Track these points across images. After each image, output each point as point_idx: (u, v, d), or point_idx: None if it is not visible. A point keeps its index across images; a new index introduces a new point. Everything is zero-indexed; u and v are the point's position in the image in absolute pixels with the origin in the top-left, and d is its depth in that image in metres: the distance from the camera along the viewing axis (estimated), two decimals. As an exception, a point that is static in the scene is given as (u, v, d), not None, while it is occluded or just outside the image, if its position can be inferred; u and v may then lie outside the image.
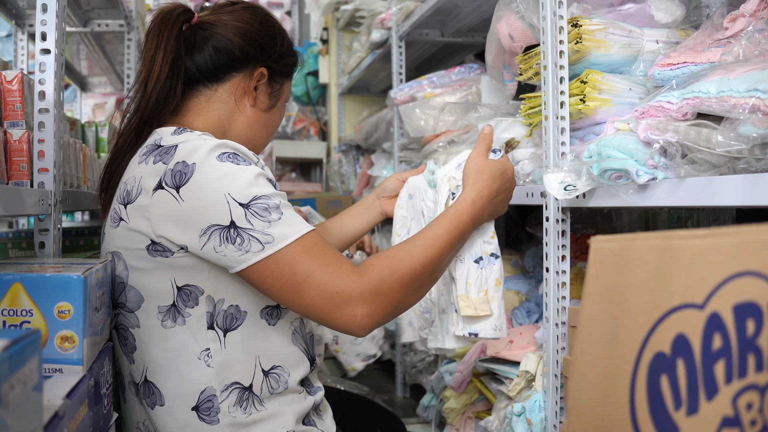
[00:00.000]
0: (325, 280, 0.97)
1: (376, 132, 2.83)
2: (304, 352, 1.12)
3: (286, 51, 1.21)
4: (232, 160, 1.00)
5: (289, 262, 0.97)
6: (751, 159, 0.90)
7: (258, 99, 1.20)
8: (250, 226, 0.96)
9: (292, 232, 0.97)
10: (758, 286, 0.56)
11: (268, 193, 0.99)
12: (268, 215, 0.97)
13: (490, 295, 1.20)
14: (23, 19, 2.30)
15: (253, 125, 1.21)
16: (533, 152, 1.44)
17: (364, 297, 0.98)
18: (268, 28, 1.20)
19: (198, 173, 0.98)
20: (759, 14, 1.04)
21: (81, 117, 3.66)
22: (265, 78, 1.19)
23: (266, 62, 1.18)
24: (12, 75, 1.11)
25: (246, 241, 0.96)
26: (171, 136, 1.04)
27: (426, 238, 1.08)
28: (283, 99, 1.26)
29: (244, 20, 1.18)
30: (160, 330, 1.04)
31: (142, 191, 1.01)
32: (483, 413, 1.62)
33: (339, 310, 0.97)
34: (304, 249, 0.98)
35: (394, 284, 1.01)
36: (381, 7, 2.74)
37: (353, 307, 0.97)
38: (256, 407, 1.05)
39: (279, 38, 1.20)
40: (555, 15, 1.28)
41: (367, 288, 0.98)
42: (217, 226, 0.97)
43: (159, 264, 1.01)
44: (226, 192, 0.97)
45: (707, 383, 0.57)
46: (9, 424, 0.49)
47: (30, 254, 1.64)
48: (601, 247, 0.64)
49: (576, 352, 0.65)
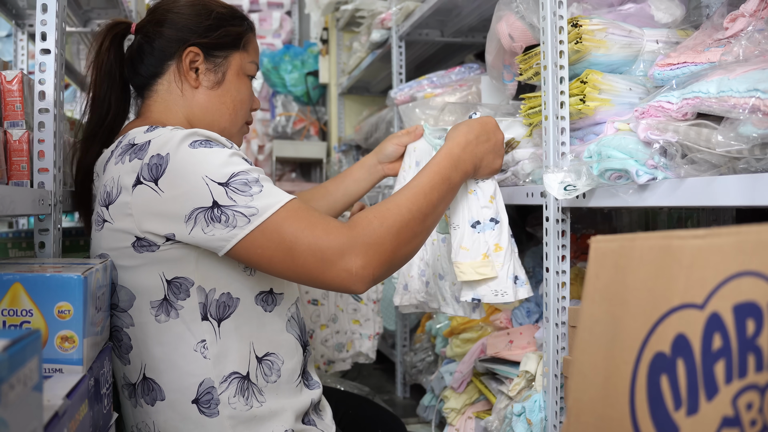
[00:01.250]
0: (314, 239, 0.97)
1: (376, 132, 2.83)
2: (297, 338, 1.13)
3: (214, 23, 1.19)
4: (205, 145, 1.00)
5: (275, 229, 0.97)
6: (751, 159, 0.90)
7: (201, 79, 1.19)
8: (233, 203, 0.97)
9: (274, 201, 0.98)
10: (758, 286, 0.56)
11: (245, 169, 0.99)
12: (249, 189, 0.98)
13: (491, 258, 1.18)
14: (23, 19, 2.30)
15: (208, 106, 1.19)
16: (533, 152, 1.44)
17: (356, 248, 0.97)
18: (189, 7, 1.19)
19: (173, 162, 0.99)
20: (759, 14, 1.03)
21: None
22: (201, 56, 1.18)
23: (193, 40, 1.17)
24: (12, 75, 1.11)
25: (231, 217, 0.97)
26: (144, 134, 1.05)
27: (409, 188, 1.08)
28: (234, 71, 1.21)
29: (165, 8, 1.20)
30: (154, 325, 1.04)
31: (122, 190, 1.02)
32: (483, 413, 1.62)
33: (333, 266, 0.97)
34: (289, 214, 0.98)
35: (384, 233, 1.00)
36: (381, 7, 2.74)
37: (347, 260, 0.97)
38: (257, 398, 1.06)
39: (204, 13, 1.19)
40: (555, 15, 1.28)
41: (358, 239, 0.98)
42: (201, 209, 0.97)
43: (146, 260, 1.02)
44: (203, 175, 0.97)
45: (707, 383, 0.57)
46: (9, 424, 0.49)
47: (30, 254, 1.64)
48: (601, 247, 0.64)
49: (576, 352, 0.65)
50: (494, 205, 1.20)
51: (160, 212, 0.99)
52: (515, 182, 1.49)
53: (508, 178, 1.52)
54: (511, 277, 1.19)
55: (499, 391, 1.53)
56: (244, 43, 1.23)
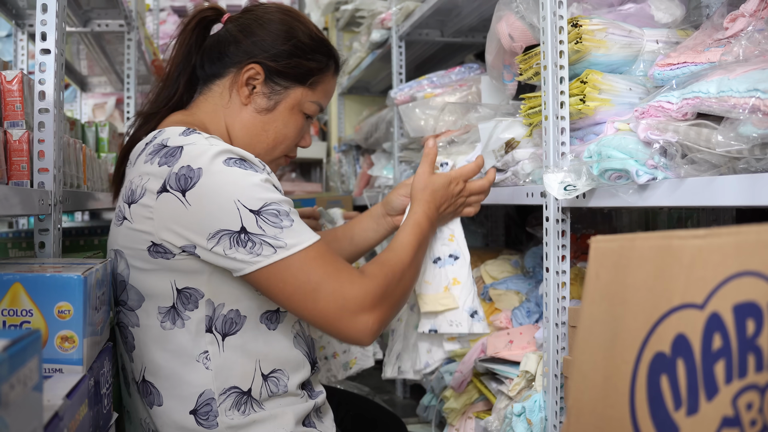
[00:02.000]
0: (339, 286, 0.97)
1: (376, 132, 2.82)
2: (306, 355, 1.11)
3: (290, 50, 1.15)
4: (239, 165, 0.98)
5: (301, 267, 0.97)
6: (751, 159, 0.90)
7: (253, 99, 1.16)
8: (262, 232, 0.96)
9: (303, 239, 0.98)
10: (758, 286, 0.56)
11: (278, 200, 0.98)
12: (280, 222, 0.97)
13: (451, 291, 1.27)
14: (23, 19, 2.30)
15: (249, 127, 1.16)
16: (533, 152, 1.44)
17: (375, 302, 0.99)
18: (275, 24, 1.15)
19: (205, 178, 0.97)
20: (759, 14, 1.03)
21: (81, 117, 3.66)
22: (261, 76, 1.14)
23: (261, 59, 1.14)
24: (12, 75, 1.11)
25: (257, 245, 0.96)
26: (178, 137, 1.03)
27: (402, 243, 1.13)
28: (289, 105, 1.17)
29: (255, 16, 1.17)
30: (159, 330, 1.04)
31: (146, 192, 1.01)
32: (483, 413, 1.62)
33: (353, 318, 0.98)
34: (317, 255, 0.98)
35: (395, 287, 1.04)
36: (381, 7, 2.74)
37: (366, 314, 0.99)
38: (254, 408, 1.05)
39: (283, 37, 1.15)
40: (555, 15, 1.28)
41: (378, 293, 1.00)
42: (227, 231, 0.96)
43: (159, 265, 1.01)
44: (235, 198, 0.96)
45: (707, 383, 0.57)
46: (9, 424, 0.49)
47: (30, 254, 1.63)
48: (601, 247, 0.64)
49: (576, 352, 0.65)
50: (454, 243, 1.29)
51: (184, 224, 0.98)
52: (515, 182, 1.49)
53: (508, 178, 1.52)
54: (468, 309, 1.27)
55: (499, 391, 1.53)
56: (312, 82, 1.18)
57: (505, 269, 1.88)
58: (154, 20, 3.76)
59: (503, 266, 1.88)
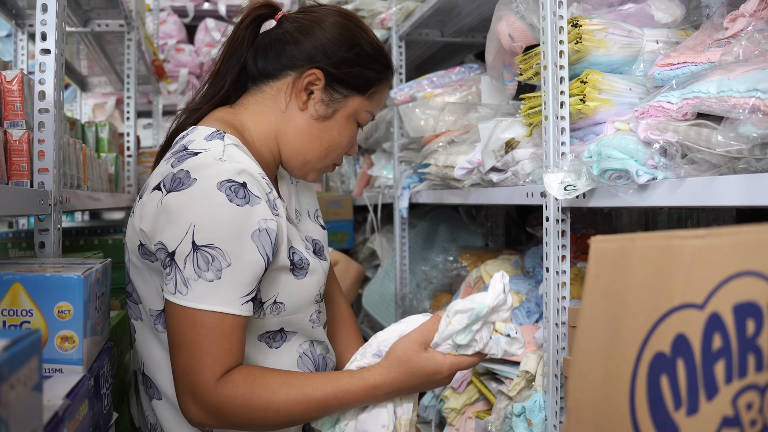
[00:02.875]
0: (191, 366, 0.93)
1: (376, 132, 2.82)
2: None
3: (352, 58, 1.10)
4: (230, 193, 0.94)
5: (189, 322, 0.93)
6: (751, 159, 0.90)
7: (310, 104, 1.10)
8: (182, 267, 0.93)
9: (208, 301, 0.92)
10: (758, 286, 0.56)
11: (228, 251, 0.93)
12: (204, 270, 0.92)
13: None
14: (23, 19, 2.30)
15: (303, 134, 1.11)
16: (533, 152, 1.44)
17: (204, 405, 0.94)
18: (337, 28, 1.11)
19: (192, 189, 0.94)
20: (759, 14, 1.03)
21: (81, 117, 3.66)
22: (321, 83, 1.09)
23: (323, 65, 1.09)
24: (12, 75, 1.11)
25: (170, 275, 0.94)
26: (202, 140, 1.01)
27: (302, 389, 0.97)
28: (346, 114, 1.12)
29: (315, 18, 1.12)
30: (153, 330, 1.05)
31: (147, 189, 1.01)
32: (483, 413, 1.62)
33: (182, 396, 0.95)
34: (208, 323, 0.93)
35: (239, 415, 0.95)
36: (381, 7, 2.74)
37: (191, 404, 0.95)
38: None
39: (347, 43, 1.10)
40: (555, 15, 1.28)
41: (213, 402, 0.94)
42: (162, 247, 0.95)
43: (148, 267, 1.02)
44: (193, 222, 0.93)
45: (707, 383, 0.57)
46: (9, 424, 0.49)
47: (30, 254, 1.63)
48: (601, 247, 0.64)
49: (576, 352, 0.65)
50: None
51: (149, 221, 0.98)
52: (515, 182, 1.49)
53: (508, 178, 1.52)
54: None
55: (499, 391, 1.53)
56: (371, 92, 1.14)
57: (505, 269, 1.88)
58: (154, 20, 3.76)
59: (503, 266, 1.88)
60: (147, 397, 1.09)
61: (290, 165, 1.14)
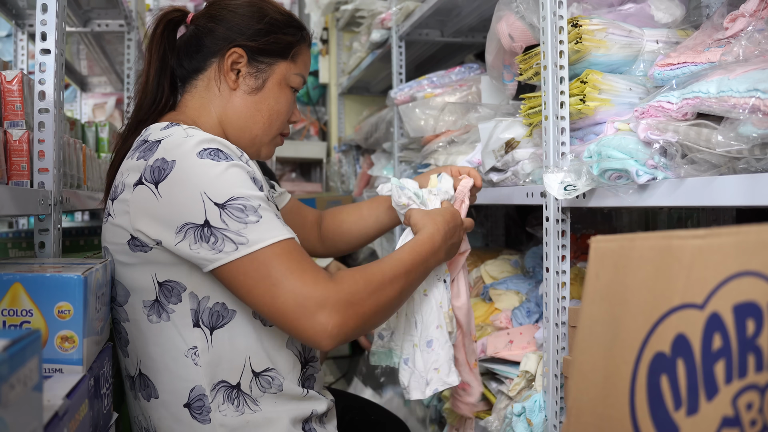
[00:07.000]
0: (301, 284, 0.94)
1: (376, 132, 2.83)
2: (297, 355, 1.11)
3: (266, 28, 1.16)
4: (213, 157, 0.98)
5: (264, 262, 0.95)
6: (751, 159, 0.90)
7: (241, 81, 1.16)
8: (225, 227, 0.95)
9: (268, 236, 0.96)
10: (758, 286, 0.56)
11: (246, 195, 0.97)
12: (245, 217, 0.96)
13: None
14: (23, 19, 2.30)
15: (242, 111, 1.16)
16: (533, 152, 1.44)
17: (338, 306, 0.95)
18: (244, 7, 1.17)
19: (176, 170, 0.97)
20: (759, 14, 1.03)
21: (81, 117, 3.66)
22: (244, 59, 1.15)
23: (240, 42, 1.15)
24: (12, 75, 1.11)
25: (219, 240, 0.95)
26: (159, 131, 1.05)
27: (393, 258, 1.08)
28: (276, 80, 1.18)
29: (221, 5, 1.18)
30: (147, 324, 1.05)
31: (125, 187, 1.02)
32: (483, 413, 1.62)
33: (311, 317, 0.94)
34: (282, 252, 0.96)
35: (367, 296, 0.99)
36: (381, 7, 2.74)
37: (326, 315, 0.94)
38: (249, 406, 1.05)
39: (257, 17, 1.16)
40: (555, 15, 1.28)
41: (342, 297, 0.96)
42: (192, 225, 0.96)
43: (140, 259, 1.02)
44: (202, 191, 0.96)
45: (707, 383, 0.57)
46: (9, 424, 0.49)
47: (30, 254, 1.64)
48: (601, 247, 0.64)
49: (576, 352, 0.65)
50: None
51: (155, 216, 0.98)
52: (515, 182, 1.49)
53: (508, 178, 1.52)
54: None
55: (499, 391, 1.53)
56: (293, 54, 1.19)
57: (505, 269, 1.88)
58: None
59: (503, 266, 1.88)
60: (138, 401, 1.09)
61: (241, 146, 1.16)
